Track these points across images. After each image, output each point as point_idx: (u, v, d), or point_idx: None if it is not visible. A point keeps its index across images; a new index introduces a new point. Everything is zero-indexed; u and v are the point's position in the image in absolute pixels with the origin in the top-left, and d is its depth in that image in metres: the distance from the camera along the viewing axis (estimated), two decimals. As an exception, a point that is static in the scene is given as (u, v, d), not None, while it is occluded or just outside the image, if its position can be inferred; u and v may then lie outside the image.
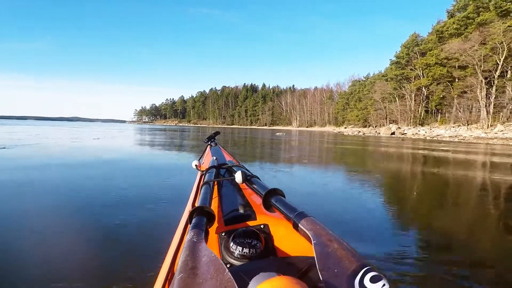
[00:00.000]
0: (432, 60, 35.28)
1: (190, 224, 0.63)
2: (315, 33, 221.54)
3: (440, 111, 37.47)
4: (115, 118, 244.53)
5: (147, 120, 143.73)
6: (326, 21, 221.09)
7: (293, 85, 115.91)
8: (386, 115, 46.87)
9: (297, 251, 0.66)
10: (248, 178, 0.97)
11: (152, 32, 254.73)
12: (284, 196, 0.75)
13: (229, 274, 0.39)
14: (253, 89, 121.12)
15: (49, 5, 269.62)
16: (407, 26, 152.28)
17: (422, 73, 39.27)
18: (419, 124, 38.58)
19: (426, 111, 41.24)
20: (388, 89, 45.66)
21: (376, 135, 30.22)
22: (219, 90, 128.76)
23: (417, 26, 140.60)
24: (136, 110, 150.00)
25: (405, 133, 28.77)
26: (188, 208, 1.04)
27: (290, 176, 4.91)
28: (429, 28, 43.89)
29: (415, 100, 40.58)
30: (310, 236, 0.52)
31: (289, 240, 0.69)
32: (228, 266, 0.61)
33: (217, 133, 2.62)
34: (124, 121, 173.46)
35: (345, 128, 66.21)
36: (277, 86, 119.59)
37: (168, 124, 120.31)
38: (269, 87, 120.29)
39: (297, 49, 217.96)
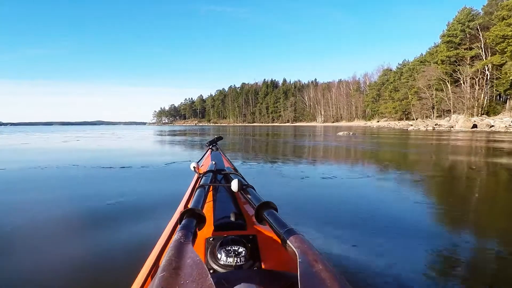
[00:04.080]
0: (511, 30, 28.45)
1: (179, 224, 0.63)
2: (334, 25, 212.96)
3: (509, 96, 31.20)
4: (136, 120, 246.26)
5: (166, 121, 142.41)
6: (342, 12, 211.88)
7: (315, 79, 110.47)
8: (433, 105, 40.74)
9: (282, 266, 0.66)
10: (244, 188, 0.96)
11: (166, 33, 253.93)
12: (277, 210, 0.75)
13: (211, 280, 0.39)
14: (273, 84, 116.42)
15: (64, 10, 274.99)
16: (430, 11, 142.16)
17: (485, 51, 33.07)
18: (483, 114, 32.42)
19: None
20: (436, 74, 39.26)
21: (449, 129, 24.10)
22: (238, 87, 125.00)
23: (441, 11, 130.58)
24: (155, 111, 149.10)
25: (493, 126, 22.68)
26: (180, 208, 1.05)
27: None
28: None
29: (478, 85, 34.18)
30: (297, 254, 0.52)
31: (275, 255, 0.70)
32: (211, 271, 0.61)
33: (219, 138, 2.60)
34: (144, 123, 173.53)
35: (378, 122, 60.36)
36: (299, 81, 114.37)
37: (187, 124, 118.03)
38: (290, 82, 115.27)
39: (317, 42, 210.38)
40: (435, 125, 27.06)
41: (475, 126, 23.88)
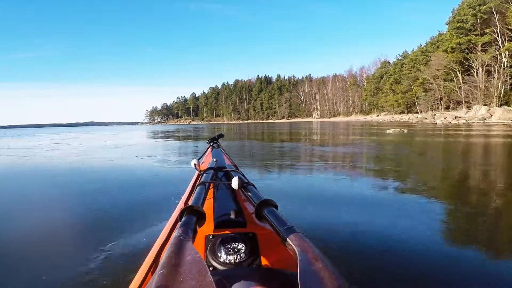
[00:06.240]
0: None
1: (179, 221, 0.63)
2: (326, 20, 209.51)
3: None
4: (129, 120, 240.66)
5: (159, 120, 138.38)
6: (334, 7, 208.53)
7: (310, 74, 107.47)
8: (441, 97, 37.96)
9: (282, 264, 0.67)
10: (244, 185, 0.95)
11: (157, 32, 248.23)
12: (277, 208, 0.75)
13: (211, 277, 0.39)
14: (267, 81, 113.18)
15: (50, 12, 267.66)
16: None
17: (501, 36, 30.17)
18: (502, 104, 29.70)
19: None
20: (444, 63, 36.27)
21: (483, 122, 21.28)
22: (231, 84, 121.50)
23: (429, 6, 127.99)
24: (147, 111, 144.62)
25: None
26: (180, 205, 1.05)
27: None
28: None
29: (497, 73, 31.36)
30: (296, 252, 0.52)
31: (275, 253, 0.70)
32: (211, 269, 0.61)
33: (220, 135, 2.53)
34: (136, 123, 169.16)
35: (378, 116, 57.66)
36: (293, 76, 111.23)
37: (180, 123, 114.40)
38: (284, 77, 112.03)
39: (310, 37, 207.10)
40: (455, 117, 23.99)
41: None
